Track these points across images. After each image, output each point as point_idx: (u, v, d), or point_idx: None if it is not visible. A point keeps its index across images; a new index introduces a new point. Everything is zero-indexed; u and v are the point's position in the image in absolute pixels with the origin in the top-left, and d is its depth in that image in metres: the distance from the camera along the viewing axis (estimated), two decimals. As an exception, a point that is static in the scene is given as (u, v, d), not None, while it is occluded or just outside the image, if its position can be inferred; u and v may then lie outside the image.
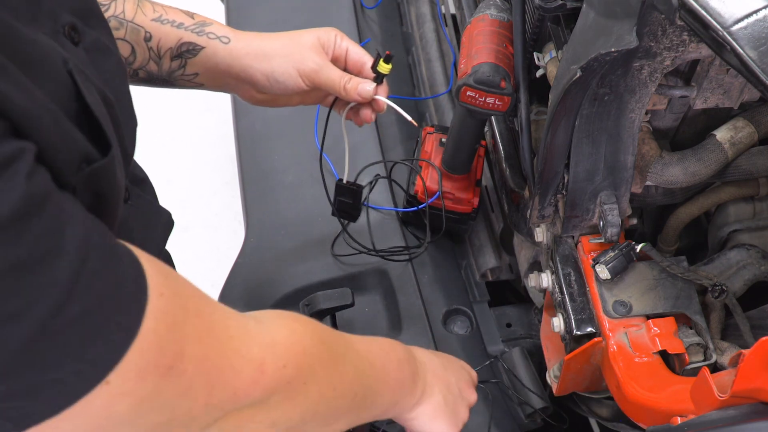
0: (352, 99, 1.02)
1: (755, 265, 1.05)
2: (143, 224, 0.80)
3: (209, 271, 2.04)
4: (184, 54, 0.97)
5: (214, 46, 0.98)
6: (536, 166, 1.04)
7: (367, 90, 1.01)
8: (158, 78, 0.98)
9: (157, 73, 0.97)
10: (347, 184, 1.26)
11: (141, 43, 0.94)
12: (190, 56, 0.97)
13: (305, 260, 1.33)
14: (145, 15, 0.94)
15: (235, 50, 0.98)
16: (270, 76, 0.99)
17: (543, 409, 1.19)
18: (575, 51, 0.87)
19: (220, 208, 2.33)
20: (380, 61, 1.02)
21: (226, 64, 0.99)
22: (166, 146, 2.40)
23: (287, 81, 1.00)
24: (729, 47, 0.68)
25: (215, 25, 0.99)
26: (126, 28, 0.93)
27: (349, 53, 1.03)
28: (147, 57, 0.95)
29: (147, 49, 0.95)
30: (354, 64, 1.03)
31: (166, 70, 0.97)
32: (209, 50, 0.98)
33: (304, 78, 1.00)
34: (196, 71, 0.99)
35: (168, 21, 0.96)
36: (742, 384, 0.71)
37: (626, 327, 0.98)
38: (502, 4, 1.16)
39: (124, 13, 0.92)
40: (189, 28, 0.97)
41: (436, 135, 1.35)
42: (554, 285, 1.07)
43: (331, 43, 1.02)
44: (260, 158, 1.51)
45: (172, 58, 0.97)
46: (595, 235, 1.06)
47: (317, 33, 1.02)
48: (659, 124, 1.04)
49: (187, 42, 0.96)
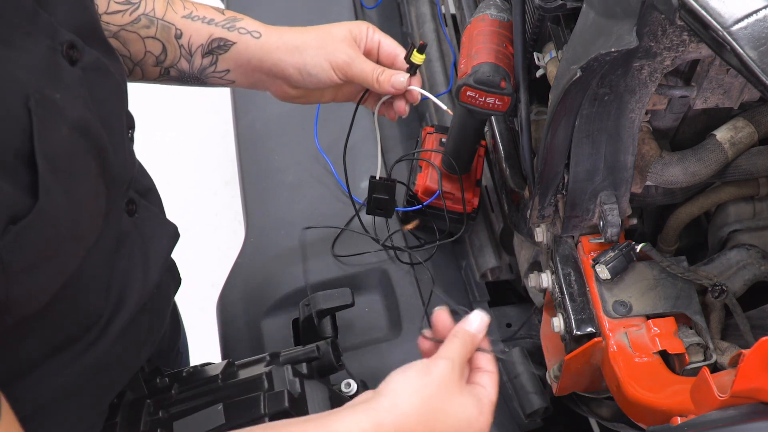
0: (386, 91, 1.00)
1: (755, 265, 1.05)
2: (149, 237, 0.80)
3: (209, 271, 2.05)
4: (215, 50, 0.96)
5: (246, 42, 0.96)
6: (536, 166, 1.04)
7: (401, 81, 0.99)
8: (190, 76, 0.97)
9: (189, 70, 0.96)
10: (381, 180, 1.23)
11: (172, 41, 0.93)
12: (221, 52, 0.96)
13: (305, 260, 1.33)
14: (176, 12, 0.93)
15: (267, 45, 0.97)
16: (302, 69, 0.97)
17: (543, 410, 1.19)
18: (575, 51, 0.87)
19: (220, 208, 2.34)
20: (414, 51, 1.00)
21: (258, 59, 0.97)
22: (166, 146, 2.40)
23: (320, 74, 0.98)
24: (729, 47, 0.68)
25: (246, 20, 0.98)
26: (156, 26, 0.92)
27: (382, 45, 1.01)
28: (178, 54, 0.94)
29: (178, 46, 0.94)
30: (386, 56, 1.02)
31: (198, 67, 0.96)
32: (240, 45, 0.96)
33: (336, 70, 0.98)
34: (227, 68, 0.98)
35: (198, 17, 0.95)
36: (742, 384, 0.71)
37: (626, 327, 0.98)
38: (502, 4, 1.16)
39: (154, 11, 0.92)
40: (220, 24, 0.96)
41: (436, 135, 1.35)
42: (554, 285, 1.07)
43: (363, 36, 1.00)
44: (260, 158, 1.51)
45: (204, 54, 0.95)
46: (595, 235, 1.06)
47: (349, 26, 1.01)
48: (659, 124, 1.04)
49: (218, 38, 0.95)
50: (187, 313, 1.20)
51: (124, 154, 0.74)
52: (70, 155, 0.61)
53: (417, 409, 0.71)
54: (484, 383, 0.78)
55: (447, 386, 0.73)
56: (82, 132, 0.63)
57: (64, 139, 0.60)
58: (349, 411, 0.70)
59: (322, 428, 0.68)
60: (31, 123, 0.56)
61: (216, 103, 2.41)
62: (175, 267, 0.92)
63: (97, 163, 0.65)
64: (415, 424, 0.70)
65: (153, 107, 2.43)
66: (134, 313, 0.77)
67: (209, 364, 0.93)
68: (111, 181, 0.69)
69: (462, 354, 0.77)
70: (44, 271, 0.60)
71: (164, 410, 0.85)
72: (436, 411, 0.72)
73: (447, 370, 0.74)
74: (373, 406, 0.70)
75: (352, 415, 0.70)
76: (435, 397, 0.72)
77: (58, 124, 0.59)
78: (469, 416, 0.74)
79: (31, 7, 0.61)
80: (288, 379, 0.86)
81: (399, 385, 0.72)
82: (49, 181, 0.57)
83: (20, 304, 0.59)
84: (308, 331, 1.12)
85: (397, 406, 0.70)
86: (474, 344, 0.79)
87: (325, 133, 1.49)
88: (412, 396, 0.71)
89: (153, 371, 0.90)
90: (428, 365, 0.74)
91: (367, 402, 0.71)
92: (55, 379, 0.70)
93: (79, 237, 0.64)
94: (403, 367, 0.75)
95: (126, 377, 0.83)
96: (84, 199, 0.64)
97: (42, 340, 0.67)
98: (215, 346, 1.32)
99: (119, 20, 0.89)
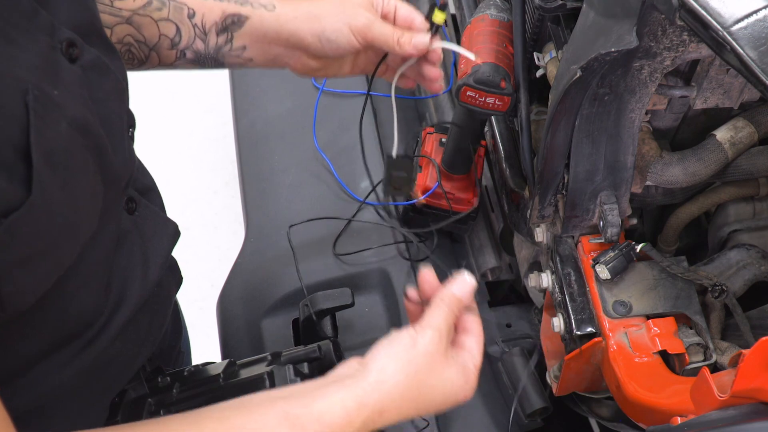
0: (407, 52, 0.97)
1: (755, 265, 1.05)
2: (149, 235, 0.80)
3: (209, 271, 2.05)
4: (230, 27, 0.94)
5: (260, 15, 0.95)
6: (536, 166, 1.04)
7: (422, 41, 0.96)
8: (206, 57, 0.96)
9: (205, 51, 0.95)
10: (399, 158, 1.16)
11: (185, 21, 0.92)
12: (236, 28, 0.94)
13: (305, 260, 1.33)
14: None
15: (282, 16, 0.95)
16: (321, 36, 0.95)
17: (543, 410, 1.20)
18: (575, 51, 0.88)
19: (220, 208, 2.34)
20: (435, 10, 0.97)
21: (274, 32, 0.95)
22: (166, 146, 2.40)
23: (339, 39, 0.95)
24: (729, 47, 0.68)
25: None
26: (169, 8, 0.91)
27: (398, 10, 0.99)
28: (192, 35, 0.93)
29: (192, 26, 0.93)
30: (403, 20, 0.99)
31: (213, 46, 0.95)
32: (255, 19, 0.95)
33: (356, 34, 0.95)
34: (243, 44, 0.96)
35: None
36: (742, 384, 0.71)
37: (626, 327, 0.98)
38: (502, 4, 1.16)
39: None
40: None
41: (436, 135, 1.35)
42: (554, 285, 1.07)
43: (380, 0, 0.98)
44: (260, 158, 1.51)
45: (218, 32, 0.94)
46: (595, 235, 1.06)
47: None
48: (659, 124, 1.04)
49: (231, 14, 0.94)
50: (187, 312, 1.20)
51: (124, 153, 0.74)
52: (67, 152, 0.61)
53: (402, 386, 0.71)
54: (470, 346, 0.78)
55: (433, 358, 0.73)
56: (81, 129, 0.63)
57: (61, 136, 0.60)
58: (333, 387, 0.70)
59: (305, 407, 0.68)
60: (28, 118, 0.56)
61: (216, 104, 2.42)
62: (176, 266, 0.92)
63: (95, 161, 0.65)
64: (399, 401, 0.71)
65: (153, 107, 2.44)
66: (134, 311, 0.77)
67: (210, 363, 0.93)
68: (110, 179, 0.69)
69: (449, 321, 0.76)
70: (38, 267, 0.60)
71: (165, 409, 0.85)
72: (421, 385, 0.72)
73: (434, 341, 0.74)
74: (359, 383, 0.70)
75: (336, 392, 0.69)
76: (421, 372, 0.72)
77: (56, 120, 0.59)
78: (453, 385, 0.74)
79: (30, 5, 0.61)
80: (289, 379, 0.86)
81: (385, 361, 0.72)
82: (45, 176, 0.57)
83: (14, 299, 0.59)
84: (308, 331, 1.12)
85: (383, 383, 0.70)
86: (461, 309, 0.79)
87: (324, 132, 1.49)
88: (398, 373, 0.71)
89: (154, 370, 0.90)
90: (415, 338, 0.74)
91: (352, 377, 0.71)
92: (54, 376, 0.70)
93: (74, 233, 0.64)
94: (389, 339, 0.74)
95: (126, 376, 0.83)
96: (81, 195, 0.63)
97: (41, 337, 0.67)
98: (215, 346, 1.32)
99: (131, 5, 0.89)
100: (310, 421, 0.67)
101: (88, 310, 0.71)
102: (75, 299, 0.69)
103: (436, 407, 0.75)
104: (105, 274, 0.73)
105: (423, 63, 0.99)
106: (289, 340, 1.26)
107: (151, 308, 0.82)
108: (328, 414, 0.67)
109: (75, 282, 0.67)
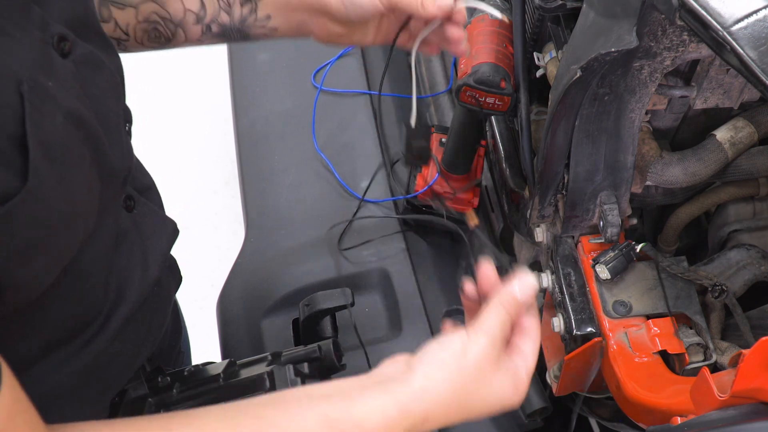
0: (431, 14, 0.94)
1: (755, 265, 1.05)
2: (148, 234, 0.80)
3: (209, 270, 2.05)
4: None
5: None
6: (536, 166, 1.04)
7: (447, 2, 0.93)
8: (231, 29, 0.96)
9: (230, 23, 0.95)
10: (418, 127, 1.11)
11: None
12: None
13: (305, 260, 1.33)
14: None
15: None
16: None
17: (543, 409, 1.20)
18: (575, 51, 0.88)
19: (220, 207, 2.34)
20: None
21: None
22: (166, 146, 2.40)
23: (363, 2, 0.93)
24: (729, 47, 0.68)
25: None
26: None
27: None
28: (217, 8, 0.94)
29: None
30: None
31: (238, 17, 0.95)
32: None
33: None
34: (268, 13, 0.96)
35: None
36: (742, 384, 0.71)
37: (626, 327, 0.98)
38: (502, 4, 1.16)
39: None
40: None
41: (436, 135, 1.35)
42: (554, 285, 1.07)
43: None
44: (260, 158, 1.51)
45: (242, 3, 0.94)
46: (595, 235, 1.06)
47: None
48: (659, 124, 1.04)
49: None
50: (187, 312, 1.20)
51: (121, 148, 0.74)
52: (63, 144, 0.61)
53: (449, 396, 0.68)
54: (525, 350, 0.73)
55: (484, 367, 0.69)
56: (76, 122, 0.63)
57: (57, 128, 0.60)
58: (376, 390, 0.67)
59: (346, 410, 0.65)
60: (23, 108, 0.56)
61: (216, 103, 2.42)
62: (176, 265, 0.92)
63: (91, 155, 0.66)
64: (445, 409, 0.68)
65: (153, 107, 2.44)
66: (134, 310, 0.77)
67: (211, 363, 0.93)
68: (107, 174, 0.69)
69: (506, 327, 0.71)
70: (37, 259, 0.60)
71: (165, 409, 0.85)
72: (468, 395, 0.69)
73: (486, 349, 0.69)
74: (403, 388, 0.67)
75: (378, 397, 0.66)
76: (470, 383, 0.69)
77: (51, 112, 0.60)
78: (503, 395, 0.71)
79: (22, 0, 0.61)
80: (290, 379, 0.86)
81: (433, 369, 0.68)
82: (41, 166, 0.57)
83: (15, 293, 0.59)
84: (308, 331, 1.12)
85: (428, 393, 0.67)
86: (519, 314, 0.73)
87: (323, 132, 1.49)
88: (446, 382, 0.68)
89: (154, 370, 0.90)
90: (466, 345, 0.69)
91: (397, 381, 0.68)
92: (54, 375, 0.70)
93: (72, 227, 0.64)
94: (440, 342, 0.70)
95: (126, 375, 0.83)
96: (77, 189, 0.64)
97: (41, 335, 0.67)
98: (215, 346, 1.32)
99: None
100: (350, 427, 0.65)
101: (88, 308, 0.71)
102: (74, 297, 0.69)
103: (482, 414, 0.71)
104: (104, 272, 0.73)
105: (447, 24, 0.96)
106: (289, 340, 1.26)
107: (150, 307, 0.82)
108: (369, 421, 0.65)
109: (74, 279, 0.68)
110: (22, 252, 0.58)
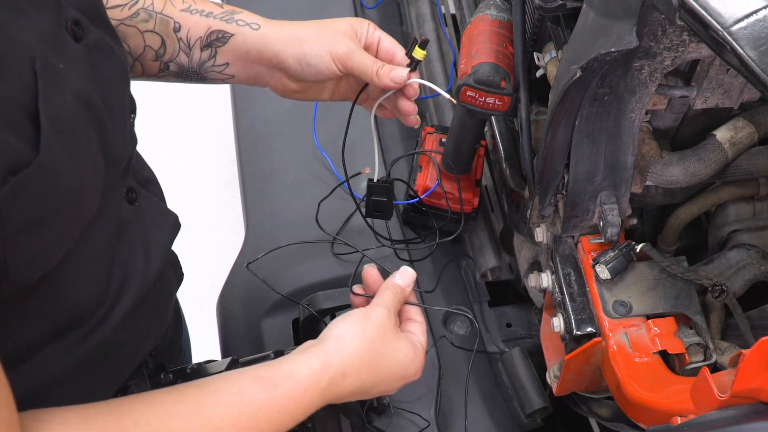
0: (385, 84, 0.98)
1: (755, 265, 1.05)
2: (149, 226, 0.81)
3: (209, 270, 2.05)
4: (214, 42, 0.95)
5: (244, 33, 0.96)
6: (536, 166, 1.04)
7: (400, 75, 0.97)
8: (189, 70, 0.97)
9: (188, 64, 0.97)
10: (379, 182, 1.20)
11: (170, 35, 0.94)
12: (220, 44, 0.96)
13: (305, 260, 1.33)
14: (174, 6, 0.94)
15: (266, 36, 0.97)
16: (302, 59, 0.96)
17: (543, 409, 1.20)
18: (575, 51, 0.88)
19: (220, 208, 2.34)
20: (416, 46, 0.99)
21: (257, 51, 0.97)
22: (167, 146, 2.40)
23: (319, 64, 0.97)
24: (729, 47, 0.68)
25: (245, 13, 0.98)
26: (155, 20, 0.92)
27: (381, 42, 1.01)
28: (177, 48, 0.95)
29: (177, 40, 0.94)
30: (386, 53, 1.01)
31: (197, 61, 0.96)
32: (239, 37, 0.96)
33: (336, 61, 0.97)
34: (226, 61, 0.97)
35: (197, 11, 0.95)
36: (742, 384, 0.71)
37: (626, 327, 0.99)
38: (502, 4, 1.16)
39: (153, 5, 0.92)
40: (218, 16, 0.96)
41: (436, 135, 1.35)
42: (554, 285, 1.07)
43: (364, 31, 1.00)
44: (260, 158, 1.51)
45: (202, 47, 0.95)
46: (595, 235, 1.06)
47: (350, 20, 1.00)
48: (659, 124, 1.04)
49: (217, 30, 0.95)
50: (187, 312, 1.20)
51: (124, 134, 0.75)
52: (72, 122, 0.62)
53: (361, 351, 0.80)
54: (415, 331, 0.88)
55: (385, 330, 0.83)
56: (85, 103, 0.65)
57: (67, 106, 0.62)
58: (298, 354, 0.78)
59: (275, 370, 0.76)
60: (36, 83, 0.58)
61: (216, 103, 2.41)
62: (177, 261, 0.92)
63: (97, 137, 0.67)
64: (359, 365, 0.80)
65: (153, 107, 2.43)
66: (136, 302, 0.77)
67: (213, 361, 0.93)
68: (110, 158, 0.71)
69: (395, 303, 0.87)
70: (43, 235, 0.61)
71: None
72: (377, 352, 0.82)
73: (384, 316, 0.84)
74: (321, 348, 0.79)
75: (301, 356, 0.78)
76: (376, 341, 0.82)
77: (62, 91, 0.61)
78: (405, 358, 0.84)
79: None
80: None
81: (342, 330, 0.81)
82: (52, 140, 0.59)
83: (19, 269, 0.60)
84: (308, 331, 1.12)
85: (343, 348, 0.79)
86: (403, 296, 0.89)
87: (323, 132, 1.49)
88: (356, 339, 0.80)
89: (157, 367, 0.90)
90: (366, 312, 0.83)
91: (314, 346, 0.80)
92: (55, 364, 0.70)
93: (78, 203, 0.65)
94: (343, 315, 0.84)
95: (128, 369, 0.83)
96: (85, 166, 0.65)
97: (43, 323, 0.68)
98: (215, 345, 1.32)
99: (118, 15, 0.91)
100: (282, 380, 0.75)
101: (90, 297, 0.72)
102: (77, 285, 0.69)
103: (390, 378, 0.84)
104: (106, 261, 0.73)
105: (399, 96, 1.01)
106: (289, 340, 1.26)
107: (152, 302, 0.82)
108: (297, 373, 0.76)
109: (77, 267, 0.68)
110: (30, 226, 0.59)
